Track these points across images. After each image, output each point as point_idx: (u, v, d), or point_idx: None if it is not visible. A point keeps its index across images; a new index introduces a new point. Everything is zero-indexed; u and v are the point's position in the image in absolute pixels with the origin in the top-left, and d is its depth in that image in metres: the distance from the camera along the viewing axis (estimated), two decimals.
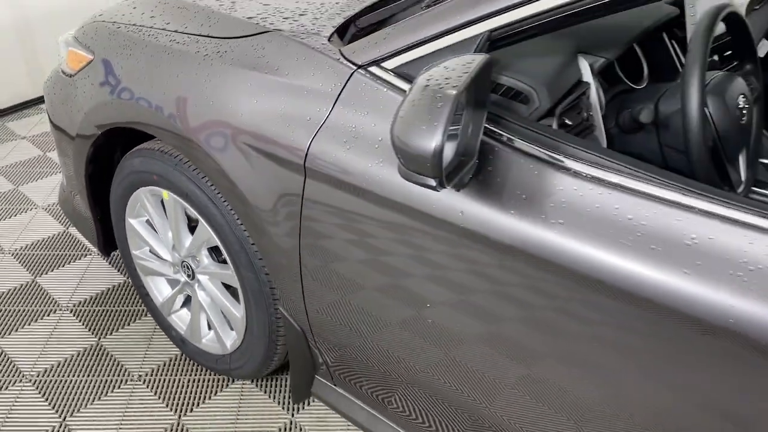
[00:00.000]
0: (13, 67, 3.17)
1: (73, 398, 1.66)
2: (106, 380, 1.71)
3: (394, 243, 1.09)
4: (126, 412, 1.63)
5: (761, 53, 1.98)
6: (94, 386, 1.69)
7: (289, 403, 1.68)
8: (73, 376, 1.72)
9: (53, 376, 1.72)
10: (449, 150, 0.87)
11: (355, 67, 1.13)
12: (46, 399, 1.65)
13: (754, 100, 1.32)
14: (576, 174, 0.91)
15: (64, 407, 1.63)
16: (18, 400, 1.65)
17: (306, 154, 1.15)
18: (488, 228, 0.95)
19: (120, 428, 1.58)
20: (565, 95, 1.10)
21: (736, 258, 0.79)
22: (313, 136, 1.15)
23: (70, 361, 1.77)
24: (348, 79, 1.12)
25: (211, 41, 1.35)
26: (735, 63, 1.35)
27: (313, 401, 1.68)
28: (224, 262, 1.51)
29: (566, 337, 0.94)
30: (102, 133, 1.58)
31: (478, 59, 0.85)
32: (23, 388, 1.68)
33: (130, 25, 1.54)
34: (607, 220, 0.87)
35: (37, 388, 1.67)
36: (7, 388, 1.68)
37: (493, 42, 1.00)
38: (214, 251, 1.57)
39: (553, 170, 0.92)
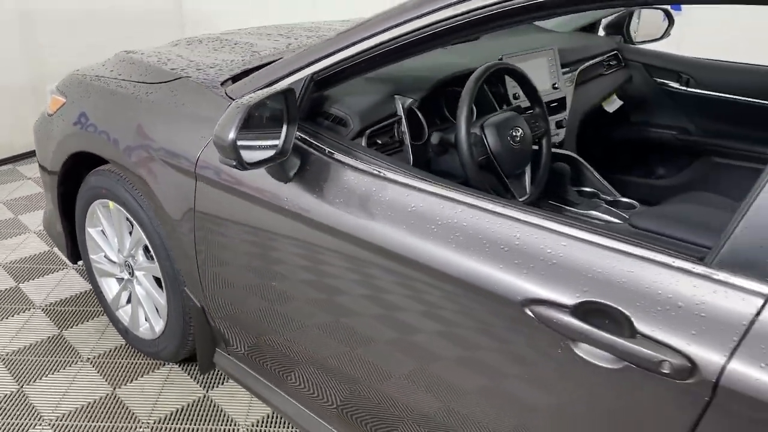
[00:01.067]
0: (31, 118, 3.70)
1: None
2: (118, 426, 1.87)
3: (257, 230, 1.47)
4: None
5: (611, 109, 2.40)
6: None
7: (206, 381, 2.01)
8: (89, 422, 1.87)
9: (71, 421, 1.88)
10: (269, 148, 1.27)
11: (232, 100, 1.55)
12: None
13: (542, 135, 1.72)
14: (366, 173, 1.29)
15: None
16: None
17: (196, 164, 1.57)
18: (312, 212, 1.33)
19: None
20: (378, 122, 1.51)
21: (507, 241, 1.06)
22: (201, 149, 1.56)
23: (87, 408, 1.92)
24: (226, 108, 1.55)
25: (143, 86, 1.80)
26: (528, 107, 1.76)
27: (227, 379, 2.02)
28: (153, 258, 1.91)
29: (381, 304, 1.25)
30: (69, 156, 2.03)
31: (278, 88, 1.27)
32: (42, 430, 1.84)
33: (94, 76, 2.01)
34: (387, 206, 1.22)
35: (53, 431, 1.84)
36: (27, 431, 1.83)
37: (317, 82, 1.41)
38: (146, 251, 1.97)
39: (353, 171, 1.30)
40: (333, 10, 3.21)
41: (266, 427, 1.87)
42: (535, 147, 1.72)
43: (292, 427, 1.86)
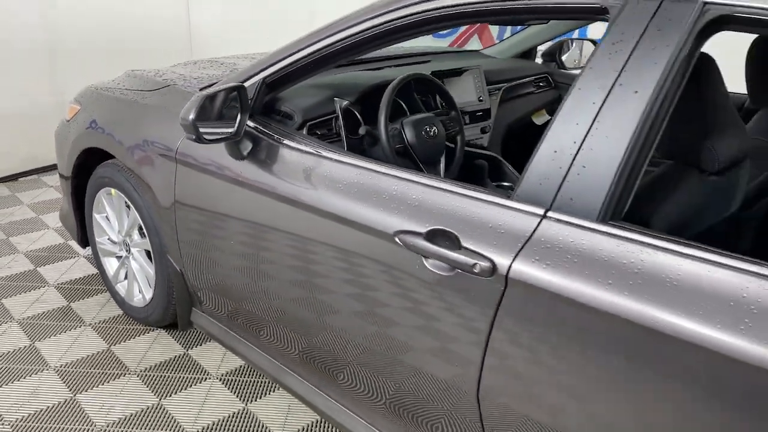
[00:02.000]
0: (52, 133, 4.19)
1: None
2: None
3: (220, 199, 1.86)
4: None
5: (539, 122, 2.79)
6: None
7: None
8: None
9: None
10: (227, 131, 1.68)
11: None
12: None
13: (456, 134, 2.11)
14: (305, 152, 1.67)
15: None
16: None
17: (176, 151, 1.98)
18: (263, 183, 1.71)
19: None
20: (317, 117, 1.92)
21: (389, 192, 1.45)
22: (180, 140, 1.97)
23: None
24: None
25: (140, 93, 2.24)
26: (445, 109, 2.16)
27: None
28: (145, 235, 2.31)
29: (321, 256, 1.59)
30: (81, 152, 2.46)
31: (230, 84, 1.69)
32: None
33: (103, 88, 2.46)
34: (322, 177, 1.59)
35: None
36: None
37: (268, 84, 1.82)
38: (140, 230, 2.37)
39: (295, 151, 1.68)
40: None
41: None
42: (452, 144, 2.11)
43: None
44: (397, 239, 1.39)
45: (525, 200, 1.25)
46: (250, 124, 1.79)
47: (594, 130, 1.19)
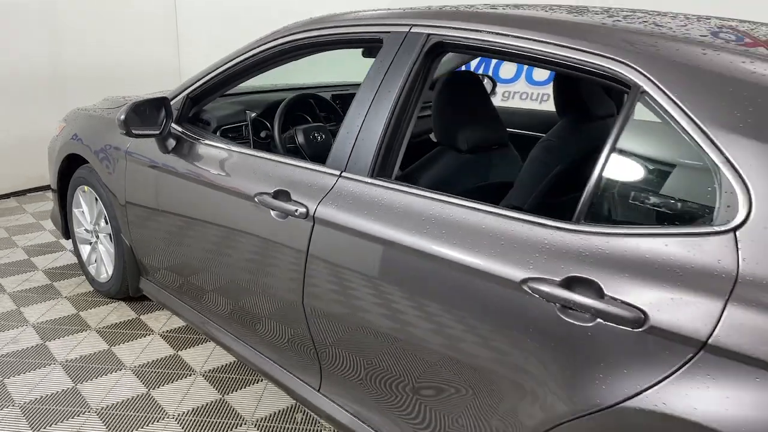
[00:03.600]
0: None
1: None
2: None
3: (154, 185, 2.47)
4: None
5: (436, 139, 3.37)
6: None
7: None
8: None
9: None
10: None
11: None
12: None
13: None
14: (217, 148, 2.26)
15: None
16: None
17: (126, 150, 2.60)
18: (185, 172, 2.32)
19: None
20: (229, 124, 2.54)
21: (275, 172, 2.12)
22: (129, 143, 2.60)
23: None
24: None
25: (107, 110, 2.89)
26: (333, 123, 2.76)
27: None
28: (108, 222, 2.92)
29: (236, 227, 2.25)
30: (65, 158, 3.10)
31: (155, 95, 2.31)
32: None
33: (83, 109, 3.12)
34: (231, 165, 2.21)
35: None
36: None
37: (191, 98, 2.44)
38: (105, 219, 2.98)
39: (210, 147, 2.28)
40: None
41: None
42: None
43: None
44: (256, 199, 1.97)
45: (331, 166, 1.83)
46: (178, 128, 2.41)
47: (368, 117, 1.78)
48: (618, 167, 1.37)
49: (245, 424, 2.23)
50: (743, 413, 1.07)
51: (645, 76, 1.32)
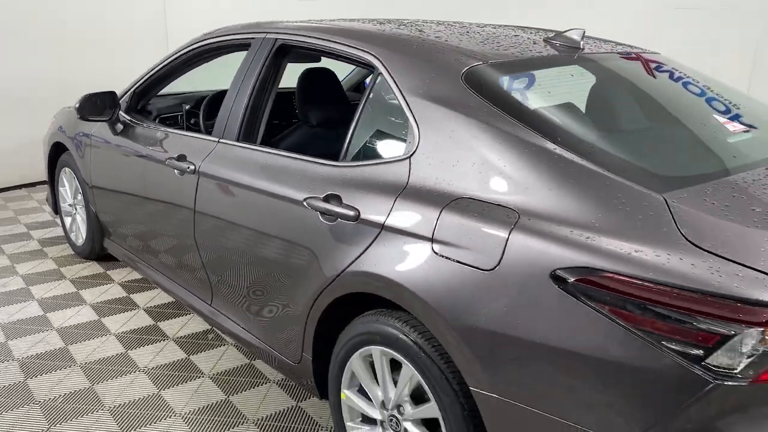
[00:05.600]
0: None
1: None
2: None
3: (107, 160, 3.19)
4: None
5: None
6: None
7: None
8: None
9: None
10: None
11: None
12: None
13: None
14: (156, 129, 2.98)
15: None
16: None
17: (90, 135, 3.34)
18: (129, 148, 3.03)
19: None
20: (167, 113, 3.25)
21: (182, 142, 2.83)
22: (93, 128, 3.33)
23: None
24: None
25: None
26: None
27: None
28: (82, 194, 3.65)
29: (168, 191, 2.97)
30: (52, 146, 3.86)
31: (104, 91, 3.04)
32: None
33: (69, 106, 3.89)
34: (164, 142, 2.93)
35: None
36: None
37: (137, 93, 3.17)
38: (82, 193, 3.72)
39: (148, 129, 3.00)
40: None
41: None
42: None
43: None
44: (166, 162, 2.67)
45: (214, 135, 2.52)
46: (126, 116, 3.13)
47: (236, 99, 2.45)
48: (363, 125, 2.03)
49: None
50: (403, 264, 1.70)
51: (381, 62, 1.99)
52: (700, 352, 1.22)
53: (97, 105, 3.03)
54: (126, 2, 5.95)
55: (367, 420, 1.98)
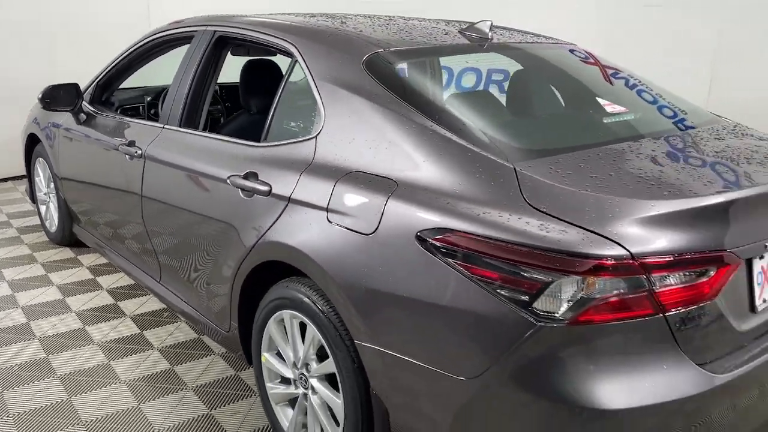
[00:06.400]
0: None
1: None
2: None
3: (72, 148, 3.37)
4: None
5: None
6: None
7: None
8: None
9: None
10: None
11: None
12: None
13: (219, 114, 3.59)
14: (116, 120, 3.18)
15: None
16: None
17: (60, 126, 3.52)
18: (93, 136, 3.22)
19: None
20: (128, 104, 3.44)
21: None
22: (64, 118, 3.51)
23: None
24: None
25: None
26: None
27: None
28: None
29: (129, 176, 3.15)
30: (27, 137, 4.05)
31: (67, 83, 3.22)
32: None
33: None
34: (127, 131, 3.11)
35: None
36: None
37: (100, 85, 3.35)
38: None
39: (111, 119, 3.18)
40: None
41: None
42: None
43: None
44: (119, 148, 2.85)
45: (160, 122, 2.70)
46: (90, 107, 3.31)
47: (179, 88, 2.63)
48: (281, 108, 2.19)
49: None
50: (304, 233, 1.86)
51: (297, 49, 2.16)
52: (527, 298, 1.38)
53: (60, 96, 3.22)
54: (111, 3, 6.16)
55: (285, 381, 2.14)
